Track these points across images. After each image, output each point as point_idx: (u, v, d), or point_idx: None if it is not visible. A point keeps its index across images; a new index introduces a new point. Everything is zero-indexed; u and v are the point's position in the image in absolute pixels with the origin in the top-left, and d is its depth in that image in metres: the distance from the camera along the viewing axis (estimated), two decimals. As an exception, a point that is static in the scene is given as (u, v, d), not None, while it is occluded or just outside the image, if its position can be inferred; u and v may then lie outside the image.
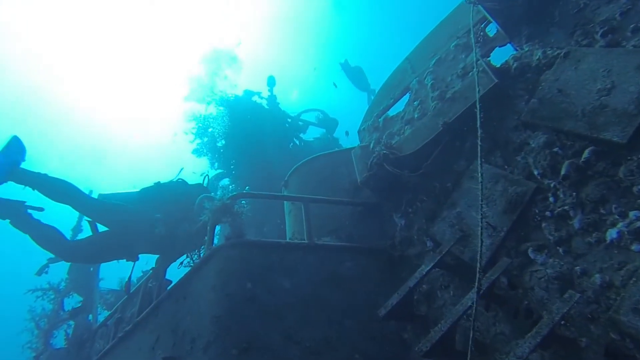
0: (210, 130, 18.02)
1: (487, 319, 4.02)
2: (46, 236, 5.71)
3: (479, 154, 3.79)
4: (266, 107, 19.89)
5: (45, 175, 5.67)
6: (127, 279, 6.96)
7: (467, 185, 4.72)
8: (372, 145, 6.72)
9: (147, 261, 7.16)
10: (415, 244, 5.12)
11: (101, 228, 6.25)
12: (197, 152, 17.77)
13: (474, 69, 4.59)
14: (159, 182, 6.73)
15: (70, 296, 9.67)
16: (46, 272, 8.97)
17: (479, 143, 3.85)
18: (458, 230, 4.47)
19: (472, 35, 4.85)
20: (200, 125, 18.17)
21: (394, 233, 5.48)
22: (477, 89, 4.31)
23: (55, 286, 9.85)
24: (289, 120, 20.42)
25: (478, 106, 4.17)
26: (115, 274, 10.09)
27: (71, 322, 9.12)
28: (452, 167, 5.13)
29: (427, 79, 6.45)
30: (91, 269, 9.78)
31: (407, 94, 6.84)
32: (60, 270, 9.74)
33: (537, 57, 4.53)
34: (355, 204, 5.89)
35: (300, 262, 4.97)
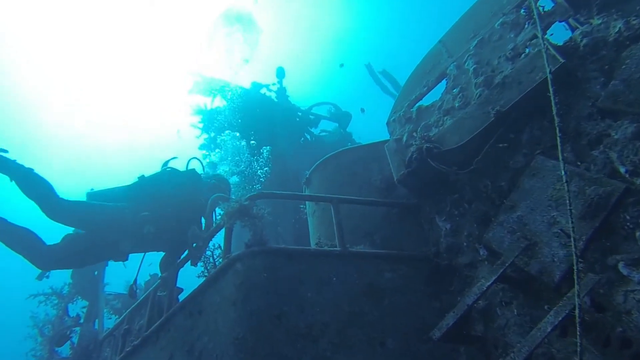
0: (216, 124, 17.43)
1: (565, 345, 3.35)
2: (20, 238, 5.00)
3: (559, 148, 3.10)
4: (275, 100, 19.22)
5: (31, 170, 4.99)
6: (132, 282, 6.27)
7: (529, 185, 4.03)
8: (405, 138, 6.05)
9: (152, 262, 6.52)
10: (464, 252, 4.45)
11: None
12: (204, 147, 17.17)
13: (541, 46, 3.88)
14: (143, 175, 5.96)
15: (75, 302, 9.10)
16: (47, 277, 8.41)
17: (558, 134, 3.15)
18: (521, 238, 3.79)
19: (534, 6, 4.13)
20: (207, 119, 17.57)
21: (438, 238, 4.80)
22: (548, 68, 3.60)
23: (58, 291, 9.27)
24: (300, 114, 19.73)
25: (551, 90, 3.46)
26: (121, 277, 9.47)
27: (77, 329, 8.54)
28: (507, 164, 4.44)
29: (467, 63, 5.74)
30: (95, 272, 9.19)
31: (444, 81, 6.14)
32: (64, 274, 9.17)
33: (617, 29, 3.82)
34: (392, 204, 5.22)
35: (333, 272, 4.32)
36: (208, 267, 5.01)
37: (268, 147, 16.34)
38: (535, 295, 3.53)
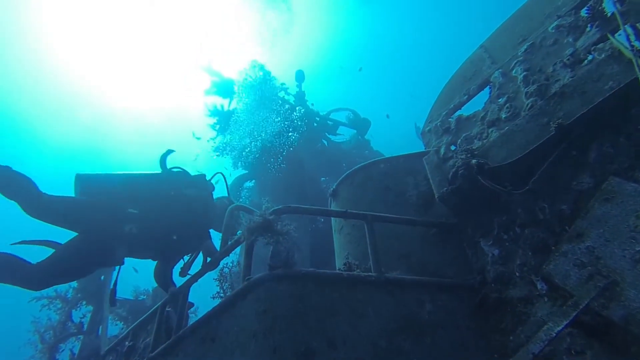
0: (233, 126, 17.01)
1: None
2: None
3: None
4: (293, 103, 18.75)
5: (9, 167, 4.54)
6: (112, 287, 5.59)
7: (602, 211, 3.46)
8: (442, 150, 5.51)
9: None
10: (517, 284, 3.88)
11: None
12: (219, 150, 16.73)
13: (631, 48, 3.33)
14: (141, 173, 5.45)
15: (79, 307, 8.65)
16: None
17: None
18: (596, 275, 3.22)
19: (615, 4, 3.59)
20: (223, 120, 17.13)
21: (484, 265, 4.25)
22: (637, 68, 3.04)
23: (62, 294, 8.84)
24: (318, 119, 19.27)
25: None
26: (129, 282, 9.01)
27: (80, 336, 8.09)
28: (569, 185, 3.89)
29: (516, 70, 5.20)
30: (102, 277, 8.74)
31: (487, 89, 5.61)
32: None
33: None
34: (431, 224, 4.67)
35: (368, 302, 3.79)
36: (224, 287, 4.50)
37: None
38: (616, 346, 2.96)
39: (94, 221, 4.85)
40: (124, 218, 4.93)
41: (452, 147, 5.58)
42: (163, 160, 5.66)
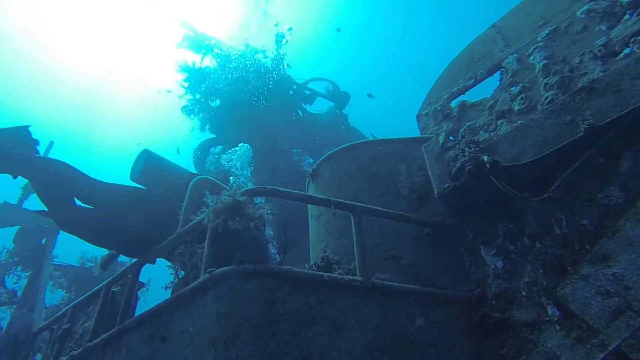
0: (204, 86, 15.85)
1: None
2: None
3: None
4: (270, 67, 17.69)
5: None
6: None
7: (634, 233, 2.97)
8: (441, 138, 4.92)
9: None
10: (523, 304, 3.39)
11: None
12: (187, 110, 15.60)
13: None
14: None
15: (12, 273, 7.71)
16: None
17: None
18: (626, 310, 2.74)
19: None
20: (193, 78, 15.95)
21: (484, 278, 3.74)
22: None
23: (-6, 256, 7.88)
24: (295, 87, 18.32)
25: None
26: (76, 246, 8.11)
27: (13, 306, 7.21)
28: (593, 196, 3.38)
29: (534, 57, 4.61)
30: (43, 240, 7.81)
31: (498, 74, 5.02)
32: (5, 237, 7.77)
33: None
34: (426, 223, 4.10)
35: (351, 312, 3.20)
36: (179, 275, 3.80)
37: None
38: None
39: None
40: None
41: (452, 138, 5.00)
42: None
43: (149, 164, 4.91)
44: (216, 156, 15.18)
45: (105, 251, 5.05)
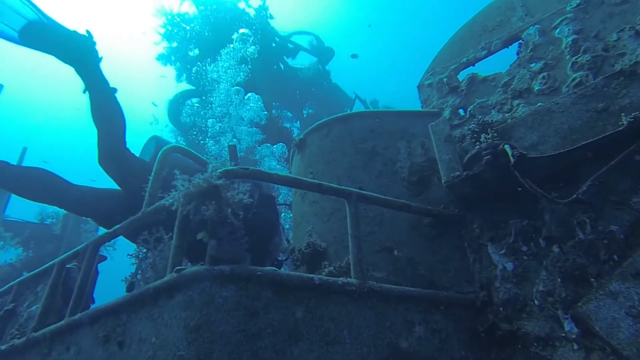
0: (182, 33, 14.63)
1: None
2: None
3: None
4: (252, 17, 16.52)
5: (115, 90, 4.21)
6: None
7: (677, 248, 2.57)
8: (446, 114, 4.39)
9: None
10: (535, 315, 3.00)
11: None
12: (163, 58, 14.44)
13: None
14: None
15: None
16: None
17: None
18: (666, 339, 2.37)
19: None
20: (171, 23, 14.65)
21: (490, 279, 3.33)
22: None
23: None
24: (277, 39, 17.26)
25: None
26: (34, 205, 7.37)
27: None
28: (626, 200, 2.95)
29: (560, 30, 4.05)
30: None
31: (515, 46, 4.45)
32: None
33: None
34: (428, 212, 3.63)
35: (344, 322, 2.75)
36: (143, 268, 3.24)
37: None
38: None
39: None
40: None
41: (462, 113, 4.47)
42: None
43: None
44: (191, 108, 14.26)
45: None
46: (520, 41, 4.35)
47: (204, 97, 14.20)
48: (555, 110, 3.43)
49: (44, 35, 4.15)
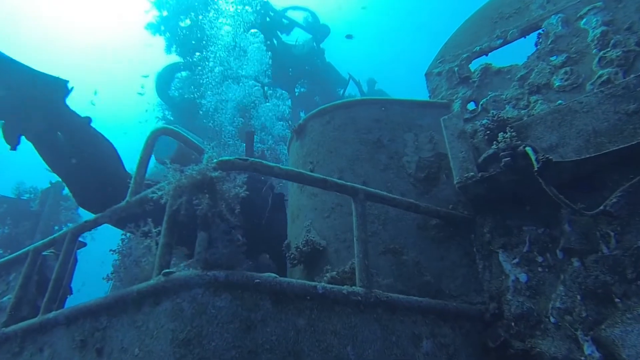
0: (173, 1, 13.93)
1: None
2: None
3: None
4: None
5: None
6: None
7: None
8: (456, 107, 4.12)
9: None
10: (550, 333, 2.80)
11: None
12: (153, 27, 13.75)
13: None
14: None
15: None
16: None
17: None
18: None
19: None
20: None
21: (501, 289, 3.11)
22: None
23: None
24: (272, 13, 16.64)
25: None
26: (11, 175, 6.93)
27: None
28: (656, 213, 2.73)
29: (587, 20, 3.77)
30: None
31: (534, 36, 4.16)
32: None
33: None
34: (438, 213, 3.38)
35: (349, 336, 2.52)
36: (126, 265, 2.94)
37: None
38: None
39: None
40: None
41: (472, 106, 4.20)
42: None
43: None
44: (180, 82, 13.67)
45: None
46: (540, 31, 4.06)
47: (192, 72, 13.58)
48: (579, 109, 3.18)
49: None
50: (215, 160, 2.73)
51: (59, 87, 3.96)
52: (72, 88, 4.01)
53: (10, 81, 3.73)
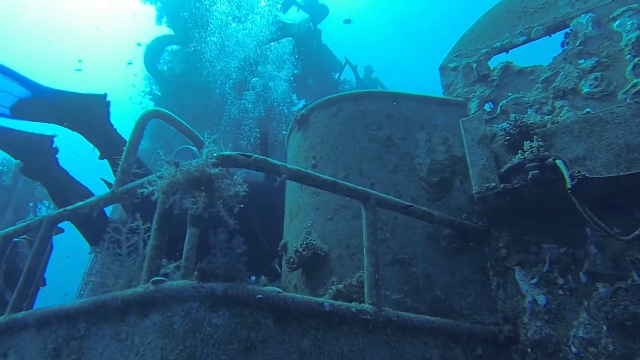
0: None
1: None
2: None
3: None
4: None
5: None
6: None
7: None
8: (473, 106, 3.86)
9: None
10: (570, 363, 2.60)
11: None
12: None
13: None
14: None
15: None
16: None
17: None
18: None
19: None
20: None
21: (516, 310, 2.89)
22: None
23: None
24: (270, -10, 16.04)
25: None
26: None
27: None
28: (693, 239, 2.52)
29: (621, 22, 3.52)
30: None
31: (560, 35, 3.89)
32: None
33: None
34: (452, 223, 3.13)
35: (356, 358, 2.27)
36: (109, 264, 2.62)
37: None
38: None
39: None
40: None
41: (488, 107, 3.94)
42: None
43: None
44: (170, 55, 13.05)
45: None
46: (568, 30, 3.80)
47: (183, 46, 12.93)
48: (610, 120, 2.95)
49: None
50: (215, 155, 2.42)
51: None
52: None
53: None
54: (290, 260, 3.28)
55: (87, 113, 3.99)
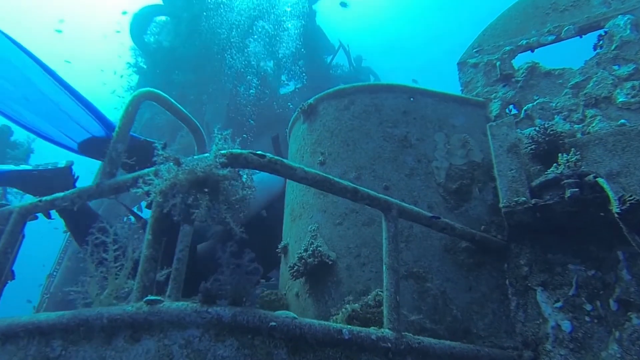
0: None
1: None
2: None
3: None
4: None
5: None
6: None
7: None
8: (494, 108, 3.59)
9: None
10: (597, 398, 2.41)
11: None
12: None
13: None
14: None
15: None
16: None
17: None
18: None
19: None
20: None
21: (538, 335, 2.68)
22: None
23: None
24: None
25: None
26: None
27: None
28: None
29: (660, 30, 3.27)
30: None
31: (594, 36, 3.64)
32: None
33: None
34: (474, 237, 2.87)
35: (373, 396, 2.01)
36: (94, 273, 2.27)
37: None
38: None
39: None
40: None
41: (511, 111, 3.67)
42: None
43: None
44: (158, 27, 12.35)
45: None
46: (602, 32, 3.54)
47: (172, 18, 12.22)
48: (652, 134, 2.72)
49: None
50: (224, 152, 2.10)
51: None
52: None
53: None
54: (295, 267, 2.99)
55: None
